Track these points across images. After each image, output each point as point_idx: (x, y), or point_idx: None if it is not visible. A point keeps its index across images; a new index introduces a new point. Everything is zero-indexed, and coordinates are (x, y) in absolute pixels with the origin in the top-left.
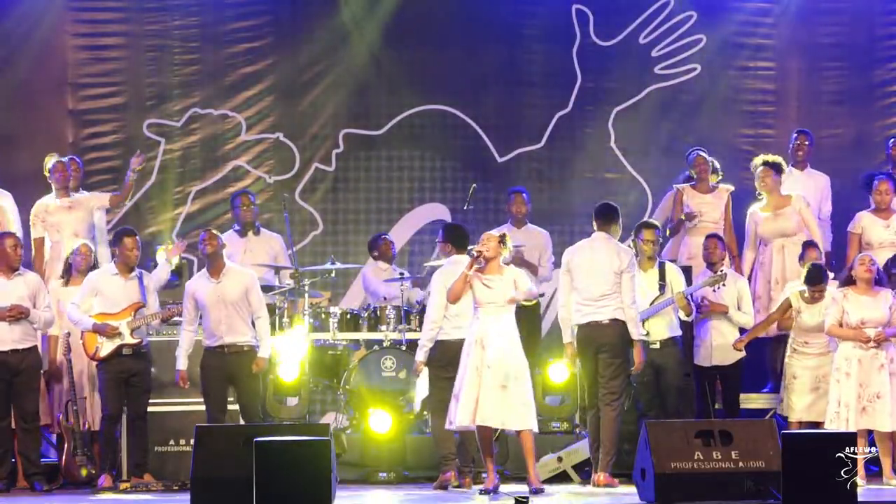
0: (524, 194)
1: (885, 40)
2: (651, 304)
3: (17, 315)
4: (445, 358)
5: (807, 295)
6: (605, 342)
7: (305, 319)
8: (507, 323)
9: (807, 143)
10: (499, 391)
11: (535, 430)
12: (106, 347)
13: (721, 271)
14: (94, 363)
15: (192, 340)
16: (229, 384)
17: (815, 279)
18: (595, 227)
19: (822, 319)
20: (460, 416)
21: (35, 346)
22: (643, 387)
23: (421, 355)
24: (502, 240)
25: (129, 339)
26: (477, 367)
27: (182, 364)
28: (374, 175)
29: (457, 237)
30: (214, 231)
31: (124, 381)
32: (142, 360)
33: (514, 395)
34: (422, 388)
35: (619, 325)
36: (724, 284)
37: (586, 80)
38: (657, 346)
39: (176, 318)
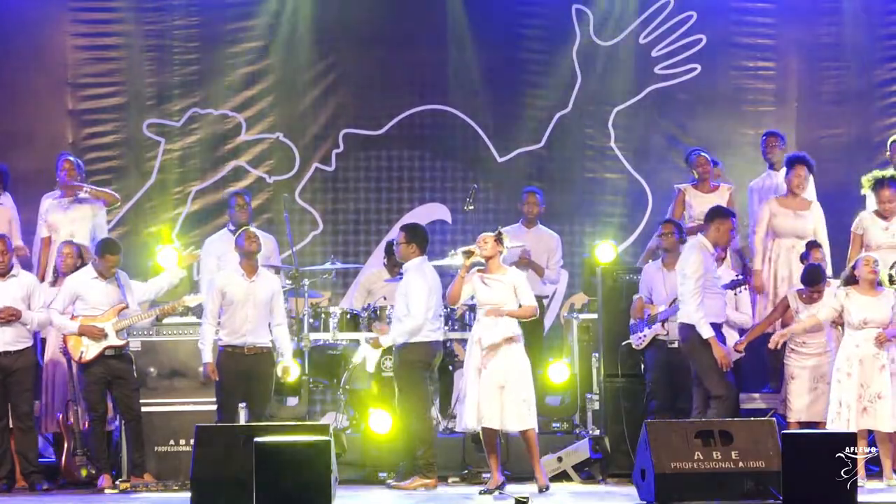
0: (538, 195)
1: (885, 40)
2: (670, 305)
3: (8, 317)
4: (425, 360)
5: (804, 295)
6: (682, 348)
7: (305, 319)
8: (506, 323)
9: (776, 144)
10: (497, 392)
11: (535, 429)
12: (92, 350)
13: (739, 276)
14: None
15: (214, 336)
16: (245, 385)
17: (814, 279)
18: None
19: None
20: (467, 419)
21: (28, 348)
22: (658, 386)
23: (389, 342)
24: (498, 237)
25: (114, 341)
26: (477, 369)
27: (208, 356)
28: (374, 175)
29: (422, 238)
30: (255, 230)
31: (108, 382)
32: (124, 360)
33: (512, 396)
34: (360, 354)
35: (686, 329)
36: (746, 288)
37: (586, 80)
38: (675, 345)
39: (168, 318)
